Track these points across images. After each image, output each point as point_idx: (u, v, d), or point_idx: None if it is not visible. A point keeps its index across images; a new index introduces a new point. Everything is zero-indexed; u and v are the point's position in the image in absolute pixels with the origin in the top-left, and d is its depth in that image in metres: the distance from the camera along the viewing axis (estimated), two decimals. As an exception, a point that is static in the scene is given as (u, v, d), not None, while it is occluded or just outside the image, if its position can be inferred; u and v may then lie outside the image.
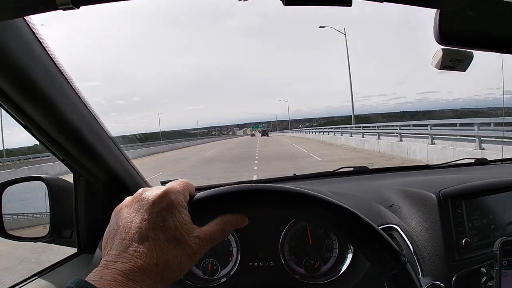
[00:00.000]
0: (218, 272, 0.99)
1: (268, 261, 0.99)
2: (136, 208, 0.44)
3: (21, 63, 0.65)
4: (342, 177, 1.43)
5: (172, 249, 0.42)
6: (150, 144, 37.39)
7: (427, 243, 0.90)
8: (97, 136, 0.89)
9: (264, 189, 0.48)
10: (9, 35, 0.61)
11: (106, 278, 0.37)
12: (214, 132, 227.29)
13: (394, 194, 1.05)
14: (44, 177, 0.98)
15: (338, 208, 0.49)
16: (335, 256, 0.98)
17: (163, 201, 0.43)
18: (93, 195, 1.01)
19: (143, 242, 0.41)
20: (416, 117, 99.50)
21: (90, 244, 1.01)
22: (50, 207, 0.97)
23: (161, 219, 0.42)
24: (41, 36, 0.69)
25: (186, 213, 0.44)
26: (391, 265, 0.48)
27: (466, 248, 0.89)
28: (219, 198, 0.48)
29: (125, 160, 1.00)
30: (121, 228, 0.42)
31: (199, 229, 0.45)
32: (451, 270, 0.86)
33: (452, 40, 0.64)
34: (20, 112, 0.73)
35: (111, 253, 0.41)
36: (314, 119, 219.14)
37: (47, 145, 0.84)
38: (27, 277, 0.92)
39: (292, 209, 0.50)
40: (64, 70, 0.76)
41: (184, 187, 0.47)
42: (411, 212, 0.96)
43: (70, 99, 0.79)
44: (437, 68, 0.81)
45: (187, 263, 0.43)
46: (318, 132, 36.42)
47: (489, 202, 0.96)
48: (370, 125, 21.02)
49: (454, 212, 0.91)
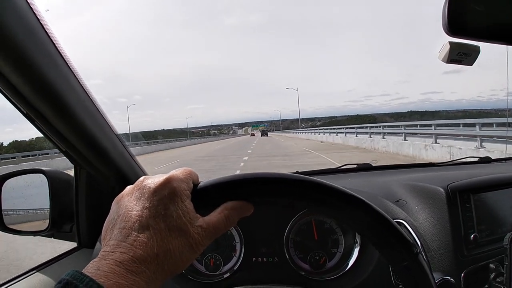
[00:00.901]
0: (221, 267, 0.97)
1: (272, 257, 0.97)
2: (137, 196, 0.42)
3: (24, 48, 0.63)
4: (346, 174, 1.42)
5: (174, 239, 0.39)
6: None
7: (435, 238, 0.89)
8: (100, 128, 0.87)
9: (270, 177, 0.46)
10: (11, 18, 0.59)
11: (104, 269, 0.35)
12: (213, 131, 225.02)
13: (400, 189, 1.04)
14: (45, 169, 0.96)
15: (350, 198, 0.47)
16: (340, 252, 0.96)
17: (165, 188, 0.41)
18: (94, 188, 1.00)
19: (144, 231, 0.39)
20: (425, 117, 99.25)
21: (90, 238, 1.00)
22: (51, 200, 0.95)
23: (162, 207, 0.40)
24: (45, 21, 0.67)
25: (189, 202, 0.42)
26: (403, 256, 0.46)
27: (475, 244, 0.88)
28: (224, 186, 0.46)
29: (127, 153, 0.99)
30: (121, 217, 0.40)
31: (202, 219, 0.42)
32: (460, 265, 0.85)
33: (461, 30, 0.63)
34: (23, 102, 0.71)
35: (110, 243, 0.38)
36: (316, 119, 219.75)
37: (49, 135, 0.82)
38: (26, 271, 0.90)
39: (300, 198, 0.48)
40: (68, 58, 0.75)
41: (188, 175, 0.45)
42: (419, 207, 0.95)
43: (73, 88, 0.78)
44: (444, 62, 0.80)
45: (189, 254, 0.41)
46: (324, 133, 33.01)
47: (497, 197, 0.95)
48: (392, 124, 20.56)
49: (463, 206, 0.90)
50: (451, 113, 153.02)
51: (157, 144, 42.49)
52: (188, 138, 73.61)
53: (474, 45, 0.77)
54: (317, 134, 37.89)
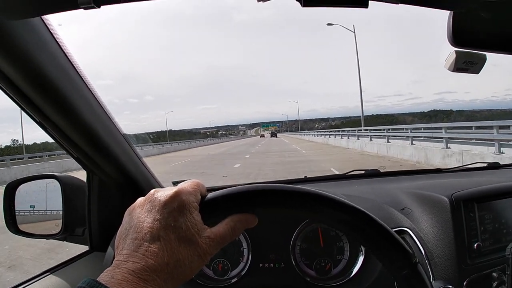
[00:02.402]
0: (229, 273, 0.99)
1: (279, 262, 0.99)
2: (148, 209, 0.44)
3: (37, 61, 0.66)
4: (354, 180, 1.42)
5: (183, 249, 0.42)
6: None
7: (439, 246, 0.89)
8: (111, 135, 0.90)
9: (275, 189, 0.48)
10: (25, 33, 0.62)
11: (117, 277, 0.38)
12: (222, 131, 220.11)
13: (406, 197, 1.04)
14: (57, 175, 0.99)
15: (350, 209, 0.48)
16: (346, 258, 0.98)
17: (175, 201, 0.44)
18: (106, 194, 1.02)
19: (155, 242, 0.41)
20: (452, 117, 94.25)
21: (102, 242, 1.02)
22: (63, 205, 0.97)
23: (172, 219, 0.43)
24: (58, 35, 0.69)
25: (197, 214, 0.45)
26: (402, 265, 0.48)
27: (478, 252, 0.88)
28: (230, 198, 0.48)
29: (138, 159, 1.01)
30: (133, 228, 0.43)
31: (209, 230, 0.45)
32: (463, 274, 0.86)
33: (466, 41, 0.63)
34: (35, 110, 0.74)
35: (123, 253, 0.41)
36: (330, 119, 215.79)
37: (61, 143, 0.85)
38: (39, 274, 0.93)
39: (303, 209, 0.50)
40: (79, 69, 0.77)
41: (196, 188, 0.47)
42: (423, 216, 0.96)
43: (85, 97, 0.80)
44: (450, 71, 0.80)
45: (197, 263, 0.43)
46: (348, 136, 24.55)
47: (502, 206, 0.95)
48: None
49: (467, 215, 0.90)
50: (478, 112, 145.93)
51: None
52: (189, 140, 63.27)
53: (480, 53, 0.77)
54: (335, 137, 28.99)
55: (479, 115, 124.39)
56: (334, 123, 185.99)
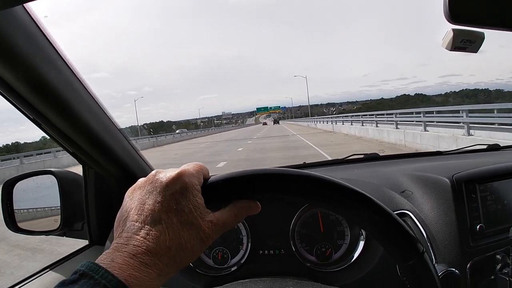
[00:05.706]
0: (229, 261, 0.99)
1: (279, 249, 0.99)
2: (149, 190, 0.43)
3: (24, 55, 0.64)
4: (353, 164, 1.41)
5: (185, 232, 0.41)
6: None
7: (441, 229, 0.88)
8: (105, 127, 0.88)
9: (278, 173, 0.47)
10: (10, 25, 0.60)
11: (118, 261, 0.36)
12: (217, 120, 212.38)
13: (406, 179, 1.03)
14: (54, 170, 0.98)
15: (356, 195, 0.46)
16: (346, 243, 0.97)
17: (177, 183, 0.42)
18: (103, 186, 1.02)
19: (156, 225, 0.40)
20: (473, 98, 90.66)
21: (101, 235, 1.02)
22: (61, 200, 0.97)
23: (174, 201, 0.41)
24: (44, 27, 0.68)
25: (200, 197, 0.43)
26: (409, 255, 0.46)
27: (481, 234, 0.87)
28: (233, 182, 0.47)
29: (133, 150, 1.00)
30: (133, 210, 0.42)
31: (212, 214, 0.44)
32: (466, 256, 0.85)
33: (463, 18, 0.62)
34: (27, 106, 0.73)
35: (123, 235, 0.40)
36: (335, 104, 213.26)
37: (56, 138, 0.84)
38: (39, 270, 0.93)
39: (307, 194, 0.48)
40: (69, 62, 0.75)
41: (199, 170, 0.45)
42: (424, 198, 0.94)
43: (76, 90, 0.79)
44: (447, 50, 0.79)
45: (199, 247, 0.42)
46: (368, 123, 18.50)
47: (504, 187, 0.94)
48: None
49: (468, 197, 0.89)
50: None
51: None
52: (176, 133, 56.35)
53: (479, 31, 0.75)
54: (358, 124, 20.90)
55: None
56: (342, 107, 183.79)
